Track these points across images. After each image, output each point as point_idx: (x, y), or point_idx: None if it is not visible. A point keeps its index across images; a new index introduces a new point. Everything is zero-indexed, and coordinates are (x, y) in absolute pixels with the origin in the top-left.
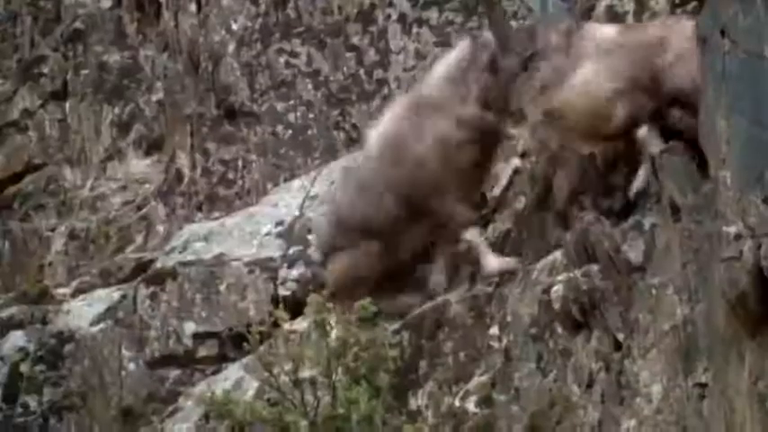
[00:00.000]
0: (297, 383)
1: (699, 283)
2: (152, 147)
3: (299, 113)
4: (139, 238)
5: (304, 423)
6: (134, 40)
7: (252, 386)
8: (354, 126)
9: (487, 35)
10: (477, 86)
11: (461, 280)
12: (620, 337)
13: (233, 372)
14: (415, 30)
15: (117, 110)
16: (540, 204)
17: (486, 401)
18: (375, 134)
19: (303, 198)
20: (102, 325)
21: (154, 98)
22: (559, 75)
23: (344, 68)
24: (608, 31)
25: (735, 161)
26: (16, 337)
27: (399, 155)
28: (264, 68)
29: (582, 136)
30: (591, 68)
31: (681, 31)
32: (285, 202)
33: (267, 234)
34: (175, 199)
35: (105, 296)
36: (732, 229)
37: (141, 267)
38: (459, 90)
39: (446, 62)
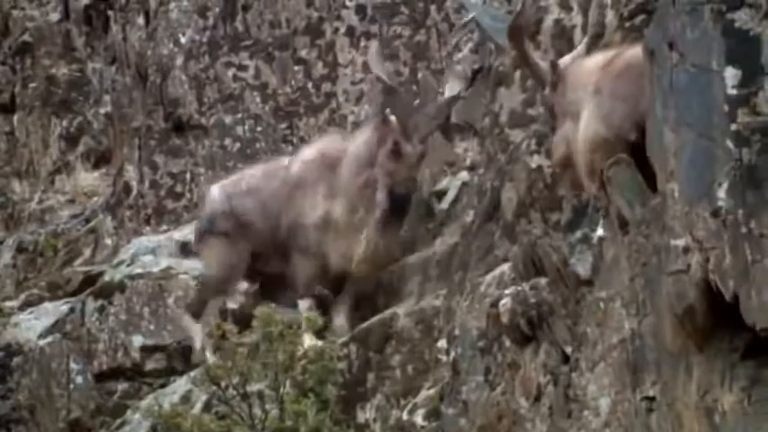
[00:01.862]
0: (245, 396)
1: (647, 296)
2: (100, 160)
3: (246, 126)
4: (87, 252)
5: None
6: (82, 53)
7: (200, 399)
8: (302, 139)
9: (394, 118)
10: (383, 172)
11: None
12: (568, 350)
13: (181, 385)
14: (363, 43)
15: (65, 123)
16: (488, 217)
17: (433, 414)
18: (293, 166)
19: None
20: (50, 338)
21: (102, 111)
22: None
23: (292, 82)
24: None
25: (683, 174)
26: None
27: (295, 207)
28: (212, 81)
29: None
30: None
31: None
32: None
33: None
34: (123, 212)
35: (53, 309)
36: (680, 243)
37: (89, 280)
38: (366, 174)
39: (358, 143)
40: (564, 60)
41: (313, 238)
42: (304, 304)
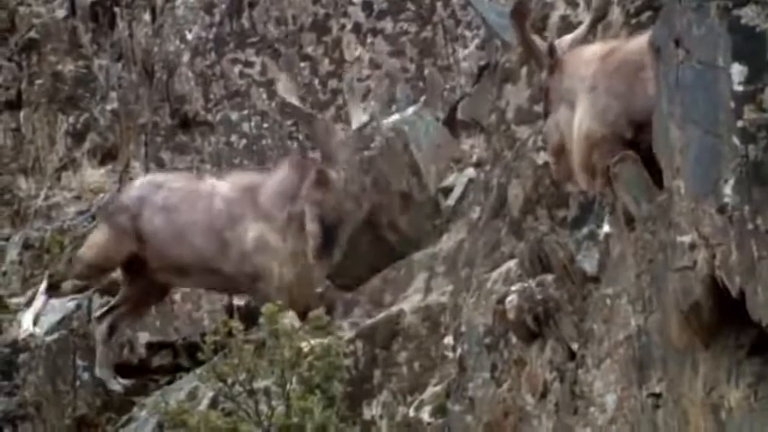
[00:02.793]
0: (251, 393)
1: (653, 292)
2: (106, 156)
3: (253, 123)
4: None
5: None
6: (88, 49)
7: (206, 396)
8: (308, 136)
9: (311, 155)
10: (310, 203)
11: None
12: (575, 346)
13: (187, 382)
14: (369, 39)
15: (71, 119)
16: (495, 214)
17: (440, 411)
18: (216, 204)
19: None
20: (56, 334)
21: (108, 107)
22: None
23: (298, 78)
24: None
25: (689, 171)
26: None
27: (226, 239)
28: (219, 78)
29: None
30: None
31: None
32: None
33: None
34: None
35: (59, 306)
36: (686, 239)
37: None
38: (288, 208)
39: (277, 179)
40: (564, 41)
41: (258, 263)
42: (286, 321)
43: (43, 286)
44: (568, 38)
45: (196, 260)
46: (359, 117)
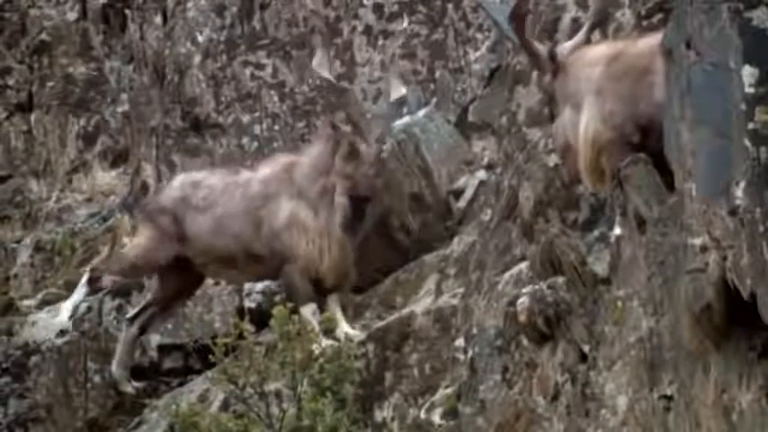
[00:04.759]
0: (262, 395)
1: (664, 295)
2: (117, 158)
3: (264, 125)
4: (105, 250)
5: None
6: (99, 52)
7: (217, 398)
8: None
9: (343, 121)
10: (341, 176)
11: None
12: (586, 349)
13: (198, 384)
14: (380, 41)
15: (82, 122)
16: (506, 216)
17: (451, 413)
18: (253, 187)
19: None
20: (67, 337)
21: (119, 110)
22: None
23: (310, 80)
24: None
25: (700, 173)
26: None
27: (260, 217)
28: (230, 80)
29: None
30: None
31: None
32: None
33: None
34: None
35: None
36: (697, 242)
37: None
38: (322, 180)
39: (312, 153)
40: (564, 48)
41: (287, 240)
42: (307, 310)
43: (84, 279)
44: (569, 44)
45: (238, 248)
46: (398, 89)
